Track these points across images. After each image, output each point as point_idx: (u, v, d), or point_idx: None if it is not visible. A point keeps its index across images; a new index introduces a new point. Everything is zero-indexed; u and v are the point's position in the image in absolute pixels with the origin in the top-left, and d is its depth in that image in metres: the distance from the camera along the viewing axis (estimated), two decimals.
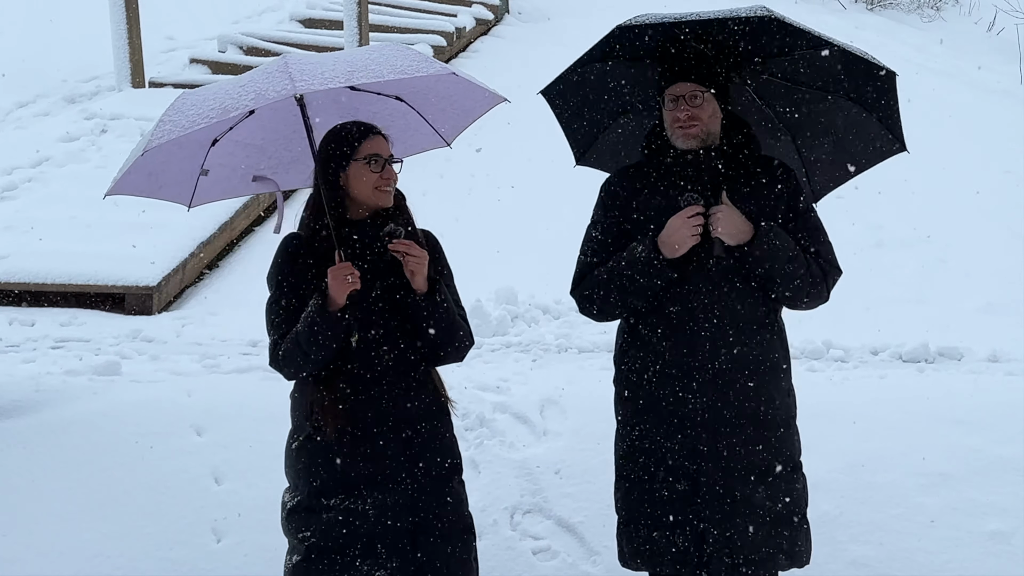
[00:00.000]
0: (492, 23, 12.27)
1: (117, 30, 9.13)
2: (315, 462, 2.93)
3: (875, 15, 13.71)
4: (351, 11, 9.14)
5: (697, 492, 3.06)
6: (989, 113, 9.89)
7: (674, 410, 3.07)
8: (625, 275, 3.05)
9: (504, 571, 3.99)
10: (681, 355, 3.06)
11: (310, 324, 2.82)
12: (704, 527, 3.06)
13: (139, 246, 6.60)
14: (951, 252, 7.22)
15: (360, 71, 2.80)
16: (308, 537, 2.92)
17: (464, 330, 3.04)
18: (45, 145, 8.12)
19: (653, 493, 3.11)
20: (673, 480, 3.08)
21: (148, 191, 3.22)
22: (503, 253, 6.95)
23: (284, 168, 3.34)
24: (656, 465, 3.11)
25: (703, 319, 3.04)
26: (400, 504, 2.93)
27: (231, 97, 2.80)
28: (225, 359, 5.54)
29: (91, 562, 3.91)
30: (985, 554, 4.02)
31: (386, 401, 2.93)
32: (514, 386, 4.97)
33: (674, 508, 3.09)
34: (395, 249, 2.88)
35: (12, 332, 5.99)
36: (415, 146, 3.43)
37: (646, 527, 3.13)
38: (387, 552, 2.92)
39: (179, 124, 2.82)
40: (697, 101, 3.01)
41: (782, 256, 2.99)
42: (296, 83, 2.73)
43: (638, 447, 3.15)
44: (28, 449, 4.30)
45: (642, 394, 3.14)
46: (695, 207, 2.99)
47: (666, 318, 3.08)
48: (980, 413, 4.65)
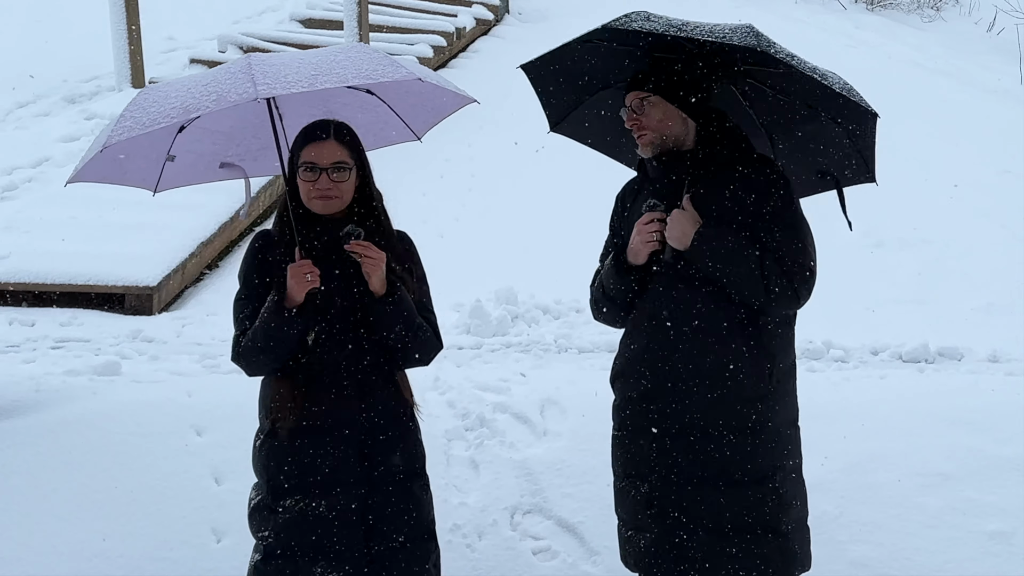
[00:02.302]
0: (492, 23, 12.27)
1: (117, 30, 9.13)
2: (273, 461, 2.94)
3: (875, 15, 13.71)
4: (351, 11, 9.14)
5: (651, 499, 3.06)
6: (989, 113, 9.89)
7: (637, 414, 3.10)
8: (603, 284, 3.18)
9: (504, 571, 3.99)
10: (644, 359, 3.08)
11: (266, 320, 2.83)
12: (657, 533, 3.05)
13: (139, 246, 6.61)
14: (951, 252, 7.23)
15: (324, 75, 2.78)
16: (266, 537, 2.93)
17: (428, 333, 3.00)
18: (45, 145, 8.12)
19: (626, 495, 3.15)
20: (638, 482, 3.10)
21: (113, 177, 3.24)
22: (503, 253, 6.96)
23: (252, 156, 3.36)
24: (625, 467, 3.15)
25: (666, 324, 3.04)
26: (355, 507, 2.91)
27: (193, 97, 2.79)
28: (225, 359, 5.52)
29: (91, 562, 3.90)
30: (985, 554, 4.02)
31: (342, 401, 2.91)
32: (514, 386, 4.97)
33: (641, 509, 3.09)
34: (352, 250, 2.87)
35: (12, 332, 5.99)
36: (386, 138, 3.45)
37: (625, 525, 3.19)
38: (340, 555, 2.89)
39: (140, 121, 2.81)
40: (643, 109, 3.06)
41: (721, 257, 2.94)
42: (258, 87, 2.71)
43: (615, 447, 3.21)
44: (28, 449, 4.29)
45: (617, 396, 3.20)
46: (654, 213, 3.03)
47: (635, 324, 3.13)
48: (980, 413, 4.65)
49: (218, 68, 2.95)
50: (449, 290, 5.07)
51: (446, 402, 4.73)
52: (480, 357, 5.69)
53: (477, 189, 7.97)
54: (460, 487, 4.27)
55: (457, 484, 4.27)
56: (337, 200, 2.94)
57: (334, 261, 2.91)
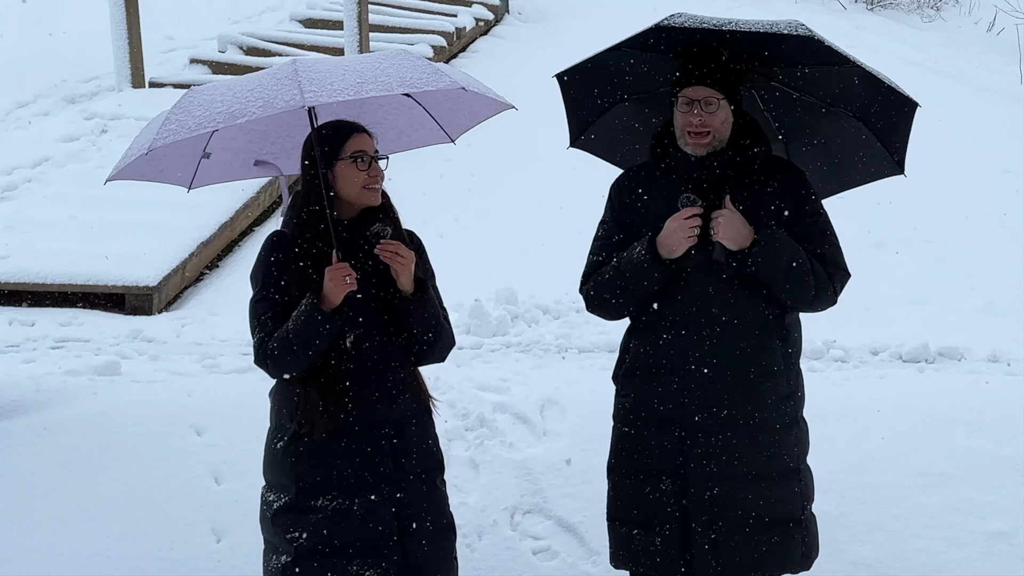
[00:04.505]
0: (492, 23, 12.28)
1: (117, 30, 9.13)
2: (302, 462, 2.93)
3: (875, 15, 13.72)
4: (351, 11, 9.13)
5: (684, 493, 3.05)
6: (989, 113, 9.89)
7: (666, 409, 3.07)
8: (624, 275, 3.06)
9: (504, 571, 3.99)
10: (676, 355, 3.05)
11: (303, 323, 2.82)
12: (691, 528, 3.05)
13: (139, 246, 6.61)
14: (951, 252, 7.22)
15: (370, 83, 2.78)
16: (297, 538, 2.92)
17: (447, 331, 3.04)
18: (45, 145, 8.12)
19: (640, 491, 3.11)
20: (659, 479, 3.08)
21: (150, 175, 3.22)
22: (503, 253, 6.95)
23: (286, 154, 3.34)
24: (644, 463, 3.11)
25: (700, 320, 3.03)
26: (388, 504, 2.93)
27: (239, 102, 2.78)
28: (225, 359, 5.53)
29: (91, 562, 3.91)
30: (985, 554, 4.02)
31: (372, 401, 2.93)
32: (514, 386, 4.96)
33: (659, 508, 3.08)
34: (382, 250, 2.87)
35: (12, 332, 5.98)
36: (419, 140, 3.43)
37: (628, 525, 3.14)
38: (377, 552, 2.92)
39: (185, 125, 2.81)
40: (712, 108, 3.00)
41: (783, 261, 2.97)
42: (305, 94, 2.71)
43: (622, 445, 3.17)
44: (28, 449, 4.30)
45: (635, 392, 3.14)
46: (693, 208, 2.98)
47: (663, 318, 3.07)
48: (980, 413, 4.64)
49: (263, 72, 2.94)
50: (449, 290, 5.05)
51: (446, 402, 4.73)
52: (480, 357, 5.69)
53: (477, 189, 7.97)
54: (460, 487, 4.27)
55: (457, 484, 4.27)
56: (379, 191, 2.95)
57: (361, 260, 2.92)
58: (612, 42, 3.15)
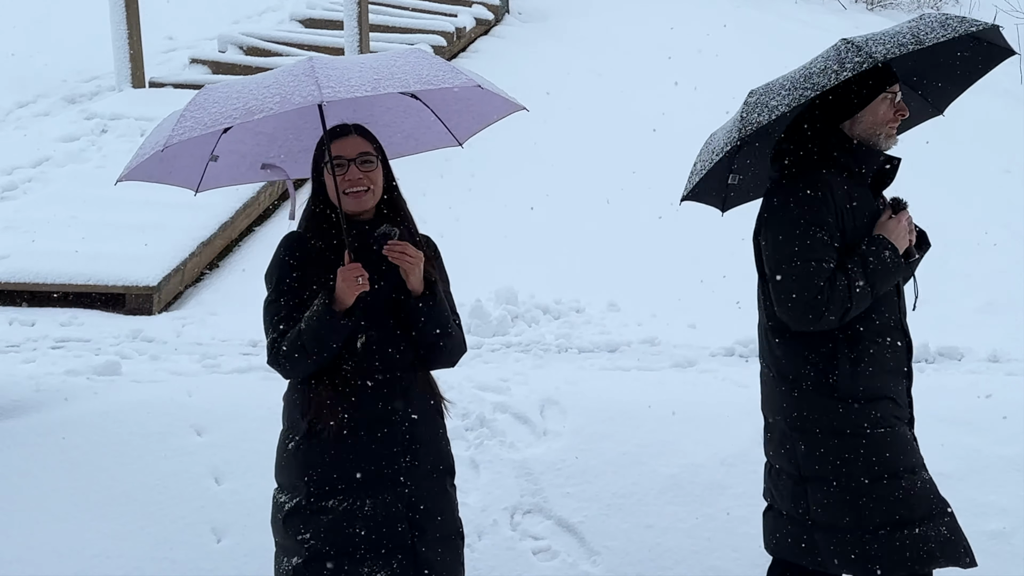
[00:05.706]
0: (492, 23, 12.27)
1: (117, 30, 9.13)
2: (313, 463, 2.92)
3: (875, 15, 13.72)
4: (351, 11, 9.14)
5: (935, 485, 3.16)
6: (989, 113, 9.89)
7: (898, 407, 3.14)
8: (881, 280, 3.04)
9: (504, 571, 3.99)
10: (902, 356, 3.13)
11: (315, 323, 2.82)
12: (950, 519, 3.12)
13: (139, 246, 6.61)
14: (951, 252, 7.22)
15: (387, 80, 2.77)
16: (308, 539, 2.91)
17: (458, 336, 3.04)
18: (45, 145, 8.12)
19: (909, 488, 3.08)
20: (918, 471, 3.15)
21: (158, 177, 3.21)
22: (503, 253, 6.95)
23: (293, 157, 3.34)
24: (905, 461, 3.10)
25: (906, 321, 3.17)
26: (400, 505, 2.93)
27: (256, 98, 2.77)
28: (225, 359, 5.54)
29: (91, 562, 3.91)
30: (985, 554, 4.00)
31: (384, 402, 2.93)
32: (514, 386, 4.96)
33: (933, 504, 3.11)
34: (390, 250, 2.88)
35: (12, 332, 5.99)
36: (427, 143, 3.43)
37: (928, 521, 3.06)
38: (389, 553, 2.91)
39: (201, 121, 2.80)
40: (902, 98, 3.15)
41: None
42: (323, 90, 2.70)
43: (877, 444, 3.13)
44: (28, 449, 4.30)
45: (867, 391, 3.07)
46: (907, 212, 3.09)
47: (883, 319, 3.12)
48: (980, 413, 4.65)
49: (279, 69, 2.93)
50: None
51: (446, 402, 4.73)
52: (480, 357, 5.69)
53: (477, 189, 7.97)
54: (460, 487, 4.22)
55: (457, 484, 4.23)
56: (370, 193, 2.94)
57: (372, 262, 2.92)
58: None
